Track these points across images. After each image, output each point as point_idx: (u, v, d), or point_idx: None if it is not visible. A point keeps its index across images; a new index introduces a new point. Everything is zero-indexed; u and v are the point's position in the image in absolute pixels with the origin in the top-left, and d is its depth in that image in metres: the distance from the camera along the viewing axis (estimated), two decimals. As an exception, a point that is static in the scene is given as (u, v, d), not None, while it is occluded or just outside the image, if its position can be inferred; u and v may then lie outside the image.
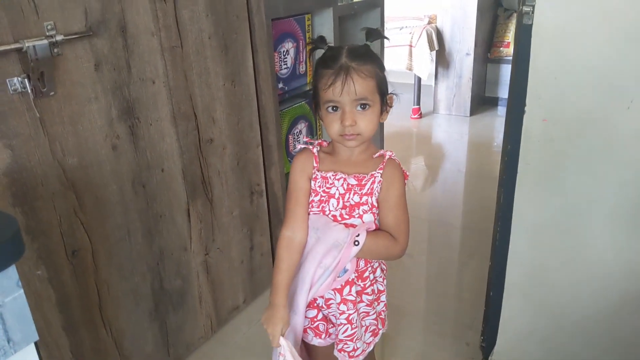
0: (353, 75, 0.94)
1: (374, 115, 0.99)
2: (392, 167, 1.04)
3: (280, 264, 1.05)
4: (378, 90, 0.98)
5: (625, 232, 1.17)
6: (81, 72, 1.20)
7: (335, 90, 0.95)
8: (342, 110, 0.97)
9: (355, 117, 0.96)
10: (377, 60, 0.99)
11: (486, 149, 3.53)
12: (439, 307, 1.91)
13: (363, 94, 0.95)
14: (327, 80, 0.95)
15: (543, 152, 1.22)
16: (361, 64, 0.95)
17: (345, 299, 1.07)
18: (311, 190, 1.06)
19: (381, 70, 0.99)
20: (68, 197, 1.23)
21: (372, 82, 0.96)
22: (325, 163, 1.06)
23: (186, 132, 1.51)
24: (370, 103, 0.97)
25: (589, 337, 1.31)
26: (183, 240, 1.58)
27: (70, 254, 1.26)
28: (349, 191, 1.03)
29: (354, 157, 1.05)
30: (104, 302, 1.37)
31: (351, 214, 1.03)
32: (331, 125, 0.99)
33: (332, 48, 1.00)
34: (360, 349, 1.13)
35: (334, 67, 0.95)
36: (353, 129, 0.97)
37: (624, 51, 1.06)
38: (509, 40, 3.97)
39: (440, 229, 2.52)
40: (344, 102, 0.96)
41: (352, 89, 0.94)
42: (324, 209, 1.05)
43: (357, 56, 0.96)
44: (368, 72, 0.96)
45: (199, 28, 1.48)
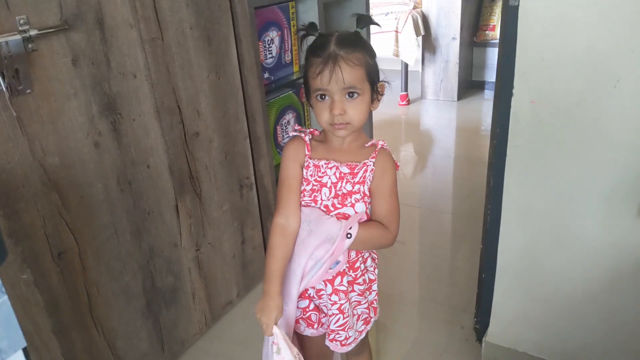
0: (341, 64, 0.93)
1: (364, 104, 0.98)
2: (384, 156, 1.03)
3: (274, 251, 1.03)
4: (367, 79, 0.97)
5: (615, 212, 1.17)
6: (58, 67, 1.17)
7: (323, 79, 0.94)
8: (331, 99, 0.96)
9: (344, 106, 0.95)
10: (367, 48, 0.98)
11: (474, 134, 3.52)
12: (432, 293, 1.91)
13: (351, 82, 0.94)
14: (315, 69, 0.94)
15: (532, 134, 1.21)
16: (350, 52, 0.94)
17: (337, 289, 1.06)
18: (303, 178, 1.04)
19: (371, 58, 0.98)
20: (51, 197, 1.20)
21: (360, 71, 0.95)
22: (317, 151, 1.05)
23: (171, 127, 1.48)
24: (359, 92, 0.96)
25: (580, 317, 1.31)
26: (173, 236, 1.56)
27: (56, 255, 1.23)
28: (341, 180, 1.02)
29: (346, 145, 1.04)
30: (94, 303, 1.35)
31: (343, 202, 1.02)
32: (321, 114, 0.98)
33: (322, 35, 0.99)
34: (352, 337, 1.12)
35: (323, 55, 0.94)
36: (342, 118, 0.96)
37: (610, 31, 1.05)
38: (494, 23, 3.95)
39: (431, 215, 2.52)
40: (332, 90, 0.95)
41: (340, 77, 0.93)
42: (316, 198, 1.03)
43: (346, 44, 0.94)
44: (357, 60, 0.94)
45: (180, 18, 1.45)
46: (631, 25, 1.02)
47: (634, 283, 1.21)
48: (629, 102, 1.07)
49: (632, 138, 1.09)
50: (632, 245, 1.17)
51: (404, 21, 3.71)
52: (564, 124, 1.16)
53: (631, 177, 1.12)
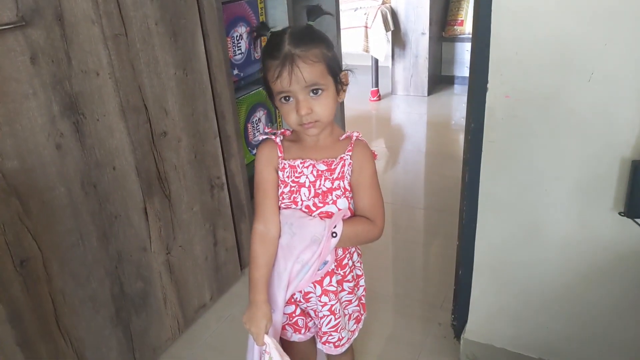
0: (299, 64, 0.89)
1: (329, 98, 0.95)
2: (361, 147, 1.01)
3: (256, 259, 1.01)
4: (329, 72, 0.94)
5: (590, 206, 1.18)
6: (15, 66, 1.10)
7: (283, 81, 0.90)
8: (295, 99, 0.92)
9: (309, 104, 0.92)
10: (323, 41, 0.94)
11: (445, 128, 3.55)
12: (407, 289, 1.90)
13: (313, 79, 0.91)
14: (274, 72, 0.91)
15: (507, 129, 1.21)
16: (306, 49, 0.90)
17: (326, 290, 1.04)
18: (279, 181, 1.01)
19: (329, 50, 0.94)
20: (11, 203, 1.13)
21: (320, 66, 0.92)
22: (290, 151, 1.02)
23: (137, 126, 1.42)
24: (322, 87, 0.93)
25: (557, 311, 1.32)
26: (142, 240, 1.50)
27: (18, 264, 1.17)
28: (319, 178, 0.99)
29: (320, 142, 1.01)
30: (60, 312, 1.29)
31: (324, 201, 1.00)
32: (288, 116, 0.95)
33: (275, 34, 0.94)
34: (346, 337, 1.11)
35: (279, 56, 0.90)
36: (310, 117, 0.93)
37: (584, 24, 1.05)
38: (462, 18, 3.99)
39: (403, 210, 2.52)
40: (295, 91, 0.91)
41: (300, 77, 0.89)
42: (296, 200, 1.00)
43: (301, 41, 0.91)
44: (315, 57, 0.91)
45: (144, 14, 1.39)
46: (604, 18, 1.02)
47: (609, 276, 1.22)
48: (603, 95, 1.07)
49: (606, 131, 1.10)
50: (606, 238, 1.18)
51: (373, 16, 3.70)
52: (538, 118, 1.16)
53: (605, 170, 1.13)
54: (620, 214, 1.14)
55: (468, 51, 3.99)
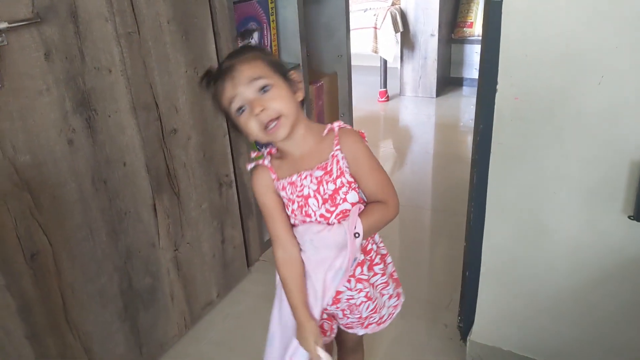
0: (237, 67, 0.90)
1: (282, 91, 0.92)
2: (346, 135, 0.98)
3: (288, 285, 1.02)
4: (272, 68, 0.93)
5: (599, 208, 1.18)
6: (30, 62, 1.12)
7: (227, 90, 0.91)
8: (248, 103, 0.90)
9: (262, 101, 0.90)
10: (256, 48, 0.98)
11: (453, 130, 3.54)
12: (414, 290, 1.90)
13: (254, 74, 0.90)
14: (220, 90, 0.92)
15: (516, 131, 1.21)
16: (240, 55, 0.93)
17: (360, 279, 1.05)
18: (286, 200, 1.01)
19: (266, 54, 0.95)
20: (22, 197, 1.15)
21: (259, 63, 0.92)
22: (282, 169, 1.00)
23: (147, 123, 1.44)
24: (269, 82, 0.91)
25: (564, 314, 1.32)
26: (150, 236, 1.51)
27: (29, 258, 1.18)
28: (320, 184, 0.97)
29: (305, 147, 0.98)
30: (69, 306, 1.30)
31: (335, 203, 0.98)
32: (248, 126, 0.92)
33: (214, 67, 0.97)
34: (386, 314, 1.13)
35: (219, 75, 0.93)
36: (267, 114, 0.90)
37: (595, 27, 1.05)
38: (472, 20, 3.98)
39: (410, 211, 2.52)
40: (242, 94, 0.90)
41: (241, 76, 0.90)
42: (308, 212, 0.99)
43: (235, 53, 0.95)
44: (251, 57, 0.92)
45: (156, 12, 1.40)
46: (615, 21, 1.02)
47: (617, 279, 1.22)
48: (613, 98, 1.07)
49: (615, 134, 1.10)
50: (615, 242, 1.18)
51: (382, 17, 3.70)
52: (548, 120, 1.15)
53: (615, 173, 1.12)
54: (630, 217, 1.13)
55: (477, 53, 3.99)
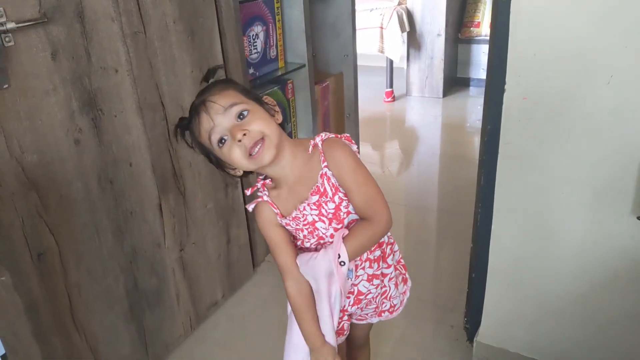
0: (209, 99, 0.88)
1: (260, 115, 0.90)
2: (331, 150, 0.94)
3: (301, 314, 1.01)
4: (245, 95, 0.91)
5: (607, 209, 1.16)
6: (36, 62, 1.12)
7: (204, 124, 0.88)
8: (228, 132, 0.88)
9: (242, 127, 0.87)
10: (225, 79, 0.95)
11: (459, 130, 3.53)
12: (420, 291, 1.89)
13: (229, 101, 0.88)
14: (197, 127, 0.90)
15: (523, 131, 1.20)
16: (210, 89, 0.90)
17: (375, 274, 1.06)
18: (294, 230, 1.01)
19: (235, 84, 0.94)
20: (29, 197, 1.15)
21: (231, 91, 0.90)
22: (281, 202, 0.98)
23: (154, 124, 1.44)
24: (245, 107, 0.89)
25: (571, 316, 1.31)
26: (156, 237, 1.51)
27: (35, 257, 1.19)
28: (320, 207, 0.96)
29: (295, 170, 0.96)
30: (76, 306, 1.30)
31: (339, 218, 0.97)
32: (232, 154, 0.89)
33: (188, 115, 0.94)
34: (398, 302, 1.15)
35: (193, 113, 0.91)
36: (251, 136, 0.87)
37: (603, 26, 1.04)
38: (479, 20, 3.96)
39: (416, 212, 2.51)
40: (220, 123, 0.88)
41: (216, 106, 0.87)
42: (319, 235, 1.00)
43: (205, 90, 0.91)
44: (221, 88, 0.90)
45: (163, 12, 1.40)
46: (625, 20, 1.01)
47: (625, 281, 1.20)
48: (622, 98, 1.06)
49: (624, 135, 1.08)
50: (623, 243, 1.16)
51: (388, 17, 3.69)
52: (556, 121, 1.14)
53: (624, 174, 1.11)
54: (638, 218, 1.12)
55: (484, 53, 3.97)
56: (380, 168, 2.95)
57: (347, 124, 2.64)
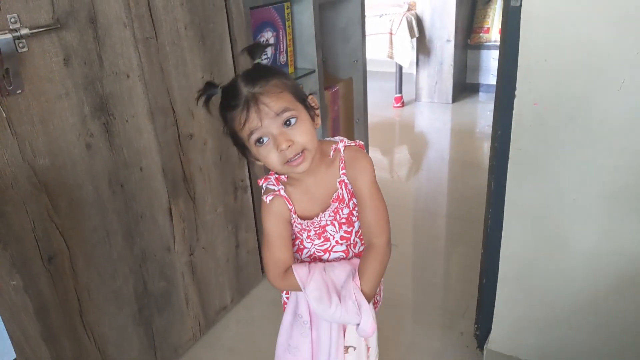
0: (262, 99, 0.84)
1: (306, 124, 0.88)
2: (352, 158, 0.95)
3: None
4: (296, 98, 0.88)
5: (618, 216, 1.15)
6: (49, 67, 1.13)
7: (252, 122, 0.84)
8: (271, 137, 0.86)
9: (287, 136, 0.85)
10: (278, 72, 0.89)
11: (469, 136, 3.52)
12: (429, 297, 1.88)
13: (282, 106, 0.84)
14: (240, 119, 0.85)
15: (534, 137, 1.19)
16: (264, 84, 0.85)
17: None
18: (298, 228, 1.01)
19: (287, 79, 0.89)
20: (41, 200, 1.16)
21: (285, 94, 0.86)
22: (297, 199, 0.97)
23: (164, 128, 1.45)
24: (295, 114, 0.86)
25: (583, 323, 1.30)
26: (166, 240, 1.52)
27: (46, 260, 1.20)
28: (337, 212, 0.98)
29: (316, 173, 0.96)
30: (85, 308, 1.31)
31: (352, 222, 1.00)
32: (268, 157, 0.87)
33: (226, 87, 0.88)
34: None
35: (239, 103, 0.84)
36: (294, 149, 0.86)
37: (615, 31, 1.03)
38: (488, 25, 3.96)
39: (425, 217, 2.50)
40: (267, 127, 0.85)
41: (268, 109, 0.83)
42: (327, 237, 1.01)
43: (256, 79, 0.85)
44: (276, 87, 0.85)
45: (174, 18, 1.41)
46: (636, 26, 1.00)
47: (637, 288, 1.19)
48: (634, 104, 1.05)
49: (636, 140, 1.08)
50: (635, 250, 1.15)
51: (398, 23, 3.69)
52: (567, 127, 1.14)
53: (635, 180, 1.10)
54: (651, 225, 1.11)
55: (494, 59, 3.96)
56: (389, 173, 2.95)
57: (356, 129, 2.64)
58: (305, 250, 1.05)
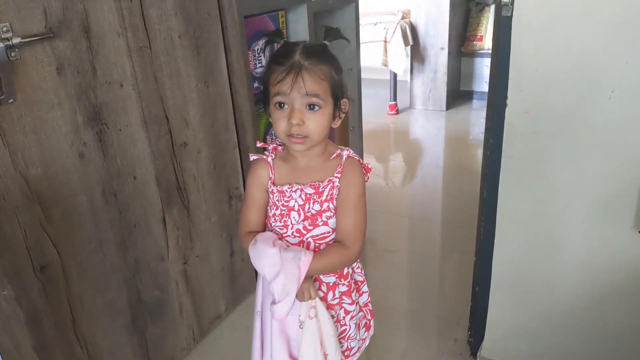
0: (304, 74, 0.88)
1: (325, 117, 0.92)
2: (351, 167, 0.99)
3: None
4: (331, 93, 0.92)
5: (610, 223, 1.16)
6: (42, 76, 1.13)
7: (284, 86, 0.89)
8: (291, 107, 0.91)
9: (303, 116, 0.90)
10: (333, 62, 0.93)
11: (463, 143, 3.53)
12: (423, 305, 1.89)
13: (314, 90, 0.89)
14: (277, 76, 0.90)
15: (526, 146, 1.20)
16: (315, 63, 0.90)
17: (331, 305, 1.04)
18: (270, 202, 1.02)
19: (337, 73, 0.94)
20: (33, 209, 1.16)
21: (324, 84, 0.91)
22: (281, 172, 1.01)
23: (158, 137, 1.45)
24: (320, 104, 0.91)
25: (576, 330, 1.30)
26: (160, 249, 1.52)
27: (38, 270, 1.19)
28: (308, 201, 0.98)
29: (312, 161, 1.00)
30: (78, 319, 1.30)
31: (315, 223, 0.99)
32: (278, 122, 0.93)
33: (288, 44, 0.94)
34: (356, 347, 1.10)
35: (286, 64, 0.89)
36: (300, 129, 0.91)
37: (605, 41, 1.04)
38: (481, 34, 3.98)
39: (420, 224, 2.51)
40: (293, 98, 0.90)
41: (302, 85, 0.88)
42: (287, 223, 1.01)
43: (312, 55, 0.90)
44: (321, 73, 0.90)
45: (168, 27, 1.42)
46: (626, 36, 1.02)
47: (629, 295, 1.20)
48: (624, 112, 1.06)
49: (627, 149, 1.09)
50: (627, 258, 1.16)
51: (392, 31, 3.71)
52: (558, 135, 1.15)
53: (626, 188, 1.11)
54: (642, 233, 1.12)
55: (487, 66, 3.99)
56: (384, 180, 2.96)
57: (351, 137, 2.65)
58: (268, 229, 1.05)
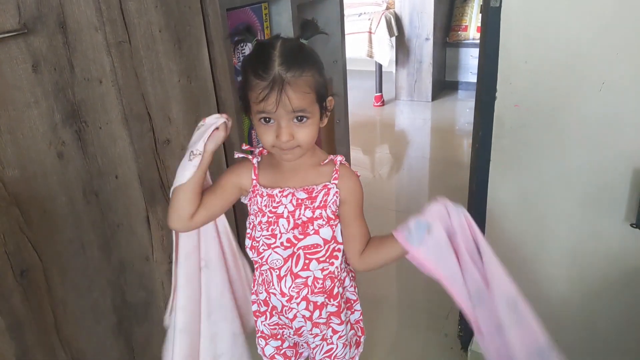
0: (288, 92, 0.81)
1: (313, 125, 0.88)
2: (347, 175, 0.95)
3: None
4: (317, 100, 0.87)
5: (600, 216, 1.16)
6: (17, 74, 1.09)
7: (268, 106, 0.83)
8: (277, 123, 0.85)
9: (292, 130, 0.86)
10: (315, 63, 0.87)
11: (449, 134, 3.54)
12: (413, 299, 1.88)
13: (300, 106, 0.84)
14: (259, 94, 0.83)
15: (516, 138, 1.19)
16: (298, 74, 0.82)
17: (317, 323, 1.02)
18: (255, 209, 0.98)
19: (320, 75, 0.87)
20: (11, 212, 1.12)
21: (310, 96, 0.85)
22: (266, 176, 0.97)
23: (140, 134, 1.41)
24: (308, 115, 0.86)
25: (566, 324, 1.30)
26: (144, 249, 1.48)
27: (18, 274, 1.15)
28: (299, 207, 0.93)
29: (301, 167, 0.95)
30: (61, 323, 1.27)
31: (305, 232, 0.94)
32: (264, 136, 0.88)
33: (262, 46, 0.85)
34: None
35: (267, 78, 0.82)
36: (290, 143, 0.87)
37: (595, 34, 1.03)
38: (466, 24, 3.98)
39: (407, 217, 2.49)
40: (279, 116, 0.84)
41: (288, 104, 0.82)
42: (274, 232, 0.96)
43: (292, 62, 0.82)
44: (305, 85, 0.83)
45: (148, 21, 1.38)
46: (616, 28, 1.01)
47: (619, 288, 1.20)
48: (614, 105, 1.06)
49: (617, 141, 1.08)
50: (617, 250, 1.16)
51: (377, 22, 3.69)
52: (548, 128, 1.14)
53: (617, 181, 1.11)
54: (632, 225, 1.12)
55: (472, 57, 3.99)
56: (370, 172, 2.94)
57: (337, 130, 2.63)
58: (255, 243, 1.01)
